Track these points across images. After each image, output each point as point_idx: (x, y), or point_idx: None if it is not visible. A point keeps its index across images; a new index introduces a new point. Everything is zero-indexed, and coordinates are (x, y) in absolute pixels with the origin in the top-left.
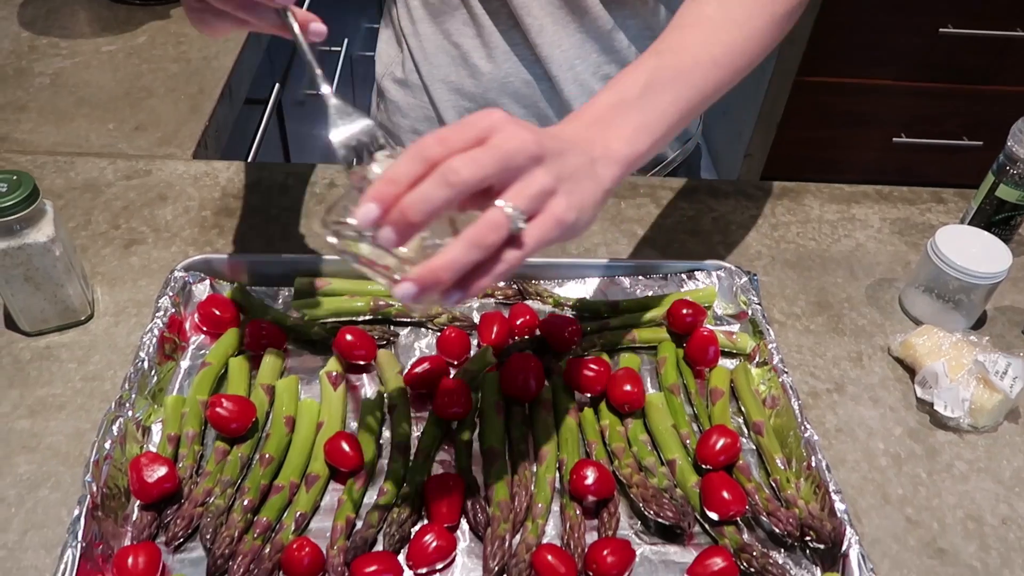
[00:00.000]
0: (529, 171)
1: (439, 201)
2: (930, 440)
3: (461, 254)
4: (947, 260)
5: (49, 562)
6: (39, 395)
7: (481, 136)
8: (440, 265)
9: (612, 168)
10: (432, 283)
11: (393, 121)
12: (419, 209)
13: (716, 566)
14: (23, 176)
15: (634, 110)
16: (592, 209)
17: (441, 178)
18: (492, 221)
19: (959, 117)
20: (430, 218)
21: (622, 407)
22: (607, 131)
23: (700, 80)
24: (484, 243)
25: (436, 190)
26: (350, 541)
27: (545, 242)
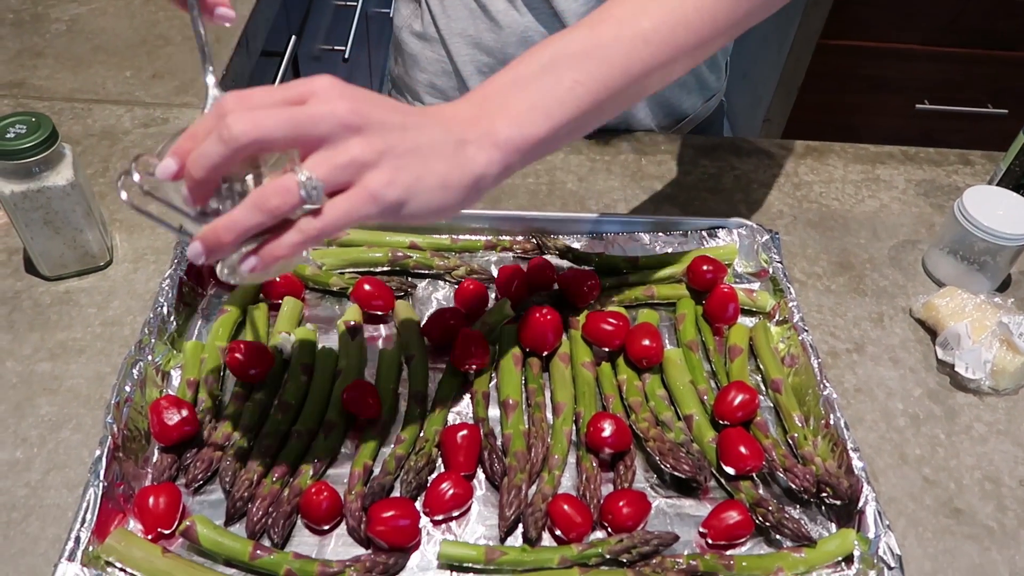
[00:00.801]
0: (339, 140)
1: (213, 157)
2: (949, 401)
3: (242, 215)
4: (974, 221)
5: (71, 501)
6: (59, 339)
7: (295, 99)
8: (222, 224)
9: (488, 152)
10: (214, 243)
11: (411, 75)
12: (195, 165)
13: (731, 519)
14: (42, 118)
15: (529, 89)
16: (439, 191)
17: (216, 134)
18: (280, 185)
19: (985, 84)
20: (211, 175)
21: (640, 362)
22: (494, 111)
23: (621, 58)
24: (267, 206)
25: (210, 146)
26: (368, 487)
27: (353, 217)
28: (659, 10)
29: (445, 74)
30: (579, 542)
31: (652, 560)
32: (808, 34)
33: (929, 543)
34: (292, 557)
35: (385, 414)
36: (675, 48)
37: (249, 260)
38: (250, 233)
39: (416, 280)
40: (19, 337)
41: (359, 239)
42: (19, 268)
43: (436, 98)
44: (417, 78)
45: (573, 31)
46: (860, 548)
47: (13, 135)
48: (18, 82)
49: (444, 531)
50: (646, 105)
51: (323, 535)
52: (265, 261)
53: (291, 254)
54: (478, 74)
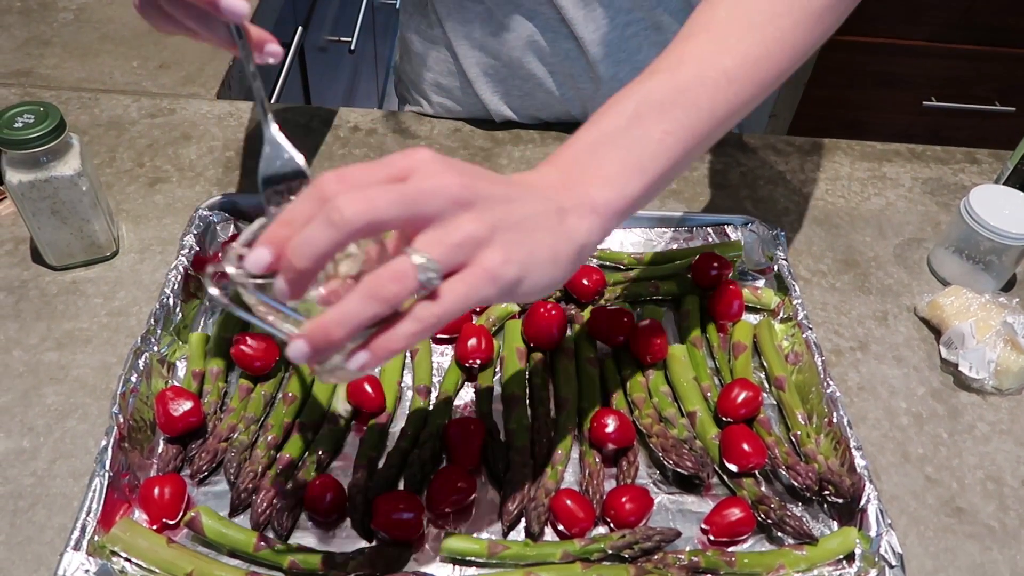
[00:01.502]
0: (451, 217)
1: (321, 244)
2: (952, 401)
3: (356, 307)
4: (980, 220)
5: (77, 490)
6: (66, 328)
7: (397, 176)
8: (332, 319)
9: (588, 219)
10: (323, 341)
11: (417, 73)
12: (299, 254)
13: (733, 516)
14: (50, 108)
15: (618, 147)
16: (552, 266)
17: (324, 217)
18: (395, 270)
19: (993, 81)
20: (317, 264)
21: (644, 358)
22: (585, 174)
23: (707, 101)
24: (383, 295)
25: (318, 231)
26: (371, 480)
27: (471, 300)
28: (739, 45)
29: (451, 74)
30: (581, 537)
31: (654, 556)
32: None
33: (931, 542)
34: (296, 549)
35: (389, 407)
36: (758, 84)
37: (359, 356)
38: (364, 327)
39: None
40: (26, 326)
41: None
42: (26, 258)
43: (442, 96)
44: (423, 76)
45: (653, 76)
46: (862, 546)
47: (21, 125)
48: (25, 71)
49: (447, 525)
50: None
51: (327, 528)
52: (378, 356)
53: (407, 346)
54: (484, 76)
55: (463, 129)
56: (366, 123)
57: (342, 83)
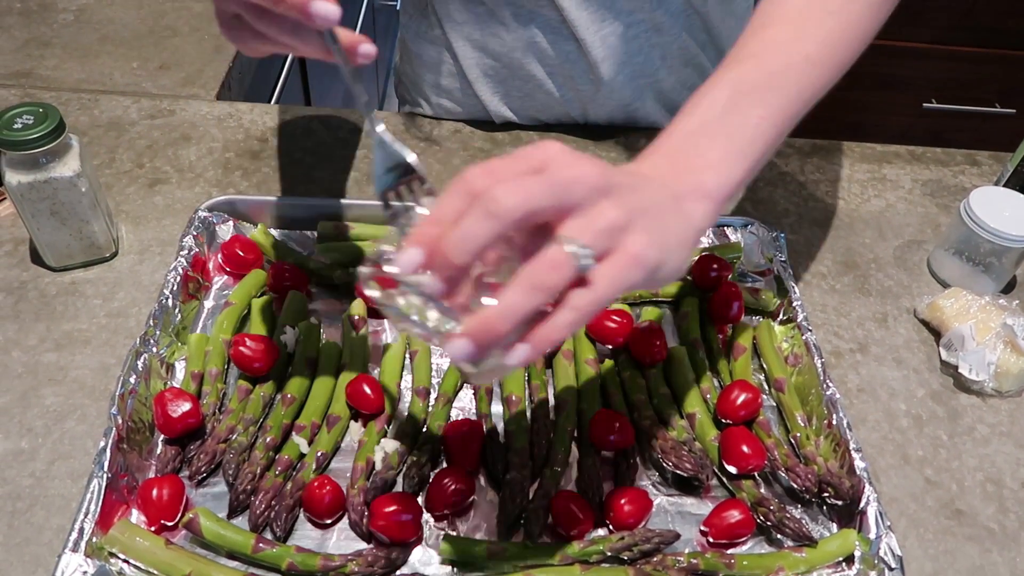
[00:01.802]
0: (593, 204)
1: (482, 237)
2: (952, 403)
3: (518, 299)
4: (980, 222)
5: (75, 491)
6: (65, 329)
7: (536, 168)
8: (495, 314)
9: (703, 204)
10: (487, 336)
11: (417, 74)
12: (460, 248)
13: (733, 518)
14: (49, 109)
15: (719, 134)
16: (681, 250)
17: (482, 209)
18: (551, 259)
19: (993, 83)
20: (474, 258)
21: (643, 360)
22: (691, 162)
23: (795, 84)
24: (544, 284)
25: (477, 224)
26: (370, 481)
27: (622, 285)
28: (818, 32)
29: (451, 75)
30: (580, 539)
31: (653, 558)
32: None
33: (930, 544)
34: (294, 550)
35: (388, 409)
36: (836, 67)
37: (519, 350)
38: (526, 319)
39: None
40: (25, 327)
41: (365, 233)
42: (25, 258)
43: (442, 98)
44: (423, 77)
45: (741, 63)
46: (861, 548)
47: (20, 125)
48: (25, 72)
49: (446, 527)
50: (653, 108)
51: (325, 529)
52: (538, 348)
53: (566, 335)
54: (484, 77)
55: (463, 130)
56: (366, 124)
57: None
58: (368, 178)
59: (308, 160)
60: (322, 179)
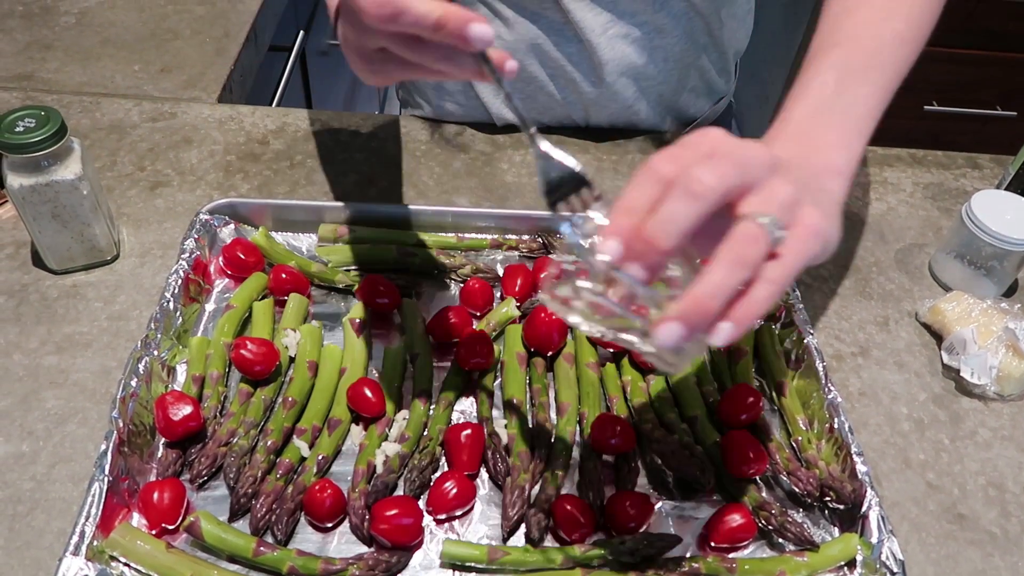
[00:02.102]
0: (768, 182)
1: (688, 217)
2: (954, 407)
3: (724, 275)
4: (982, 225)
5: (76, 495)
6: (66, 332)
7: (707, 153)
8: (704, 293)
9: (838, 180)
10: (700, 315)
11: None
12: (667, 231)
13: (734, 523)
14: (51, 112)
15: (835, 114)
16: (837, 224)
17: (684, 190)
18: (748, 233)
19: (995, 86)
20: (681, 240)
21: (644, 363)
22: (816, 143)
23: (891, 61)
24: (746, 258)
25: (682, 205)
26: (371, 485)
27: (806, 255)
28: (904, 10)
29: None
30: (582, 543)
31: (654, 562)
32: None
33: (932, 548)
34: (295, 554)
35: (389, 412)
36: (921, 43)
37: (723, 329)
38: (732, 292)
39: (422, 278)
40: (26, 330)
41: (366, 236)
42: (26, 261)
43: (444, 99)
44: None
45: (840, 46)
46: (863, 553)
47: (22, 128)
48: (27, 75)
49: (447, 530)
50: (654, 110)
51: (326, 532)
52: (743, 324)
53: (767, 309)
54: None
55: (464, 133)
56: (367, 127)
57: (343, 87)
58: (368, 180)
59: (309, 163)
60: (323, 182)
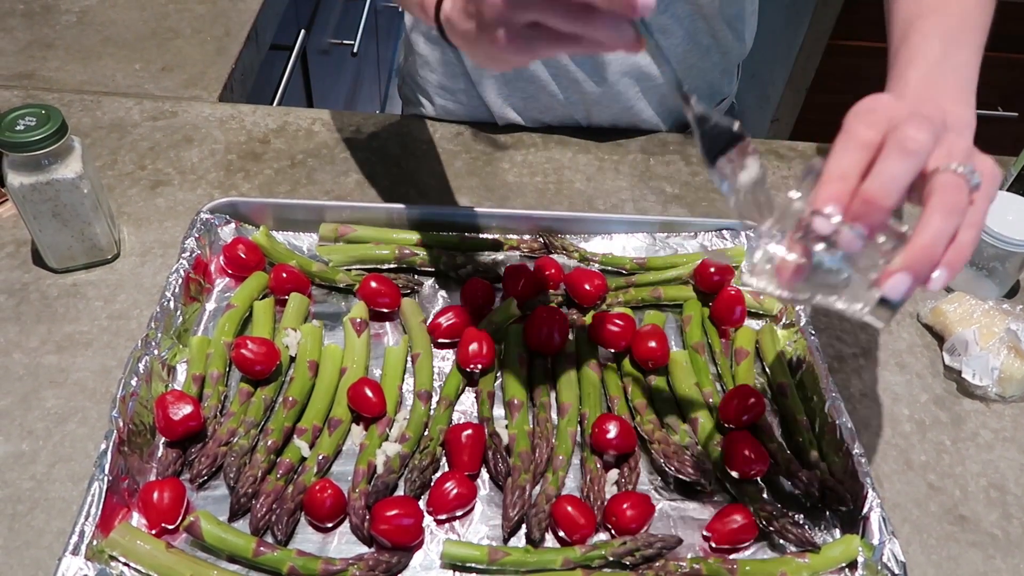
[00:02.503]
0: (946, 137)
1: (907, 174)
2: (956, 408)
3: (941, 224)
4: (984, 226)
5: (76, 494)
6: (66, 331)
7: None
8: (927, 241)
9: (968, 132)
10: (925, 263)
11: (421, 75)
12: (889, 188)
13: (735, 523)
14: (52, 111)
15: (948, 76)
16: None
17: (899, 149)
18: (952, 183)
19: (995, 86)
20: (902, 197)
21: (646, 364)
22: (938, 103)
23: (980, 24)
24: (957, 206)
25: (900, 163)
26: (372, 485)
27: (992, 198)
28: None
29: (455, 76)
30: (582, 544)
31: (655, 563)
32: (818, 34)
33: (933, 550)
34: (295, 554)
35: (390, 412)
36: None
37: (938, 275)
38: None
39: (423, 278)
40: (26, 329)
41: (367, 236)
42: (27, 260)
43: (446, 100)
44: (427, 78)
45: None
46: (864, 554)
47: (23, 127)
48: (28, 73)
49: (447, 531)
50: (656, 111)
51: (327, 533)
52: (955, 269)
53: (972, 252)
54: (488, 78)
55: (465, 133)
56: (368, 126)
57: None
58: (370, 180)
59: (310, 162)
60: (324, 181)
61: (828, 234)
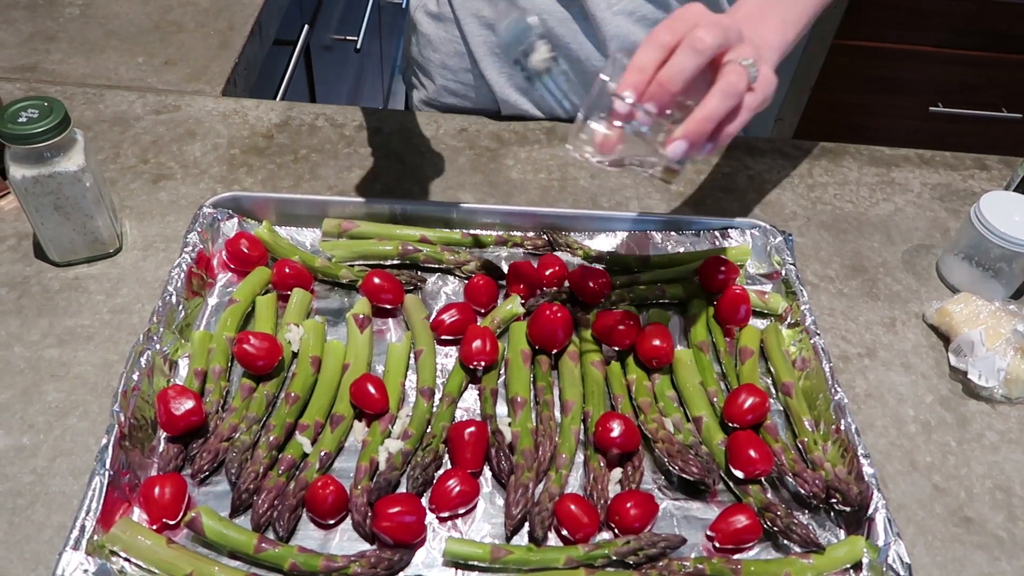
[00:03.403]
0: (739, 43)
1: (692, 67)
2: (961, 409)
3: (719, 104)
4: (990, 227)
5: (77, 488)
6: (68, 325)
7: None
8: (703, 116)
9: (773, 53)
10: (699, 134)
11: (424, 55)
12: (675, 78)
13: (739, 524)
14: (54, 103)
15: (779, 6)
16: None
17: (688, 47)
18: (736, 72)
19: (1000, 87)
20: (685, 85)
21: (650, 362)
22: (760, 25)
23: None
24: (735, 90)
25: (687, 58)
26: (374, 482)
27: (768, 93)
28: None
29: (457, 55)
30: (585, 542)
31: (659, 563)
32: (822, 34)
33: (938, 552)
34: (297, 551)
35: (393, 409)
36: None
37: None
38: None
39: (426, 274)
40: (27, 322)
41: (369, 232)
42: (28, 253)
43: (447, 80)
44: (430, 58)
45: None
46: (869, 555)
47: (25, 119)
48: (31, 66)
49: (450, 528)
50: None
51: (328, 529)
52: (722, 142)
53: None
54: (490, 55)
55: (469, 129)
56: (372, 122)
57: (347, 82)
58: (373, 175)
59: (313, 157)
60: (327, 176)
61: (626, 113)
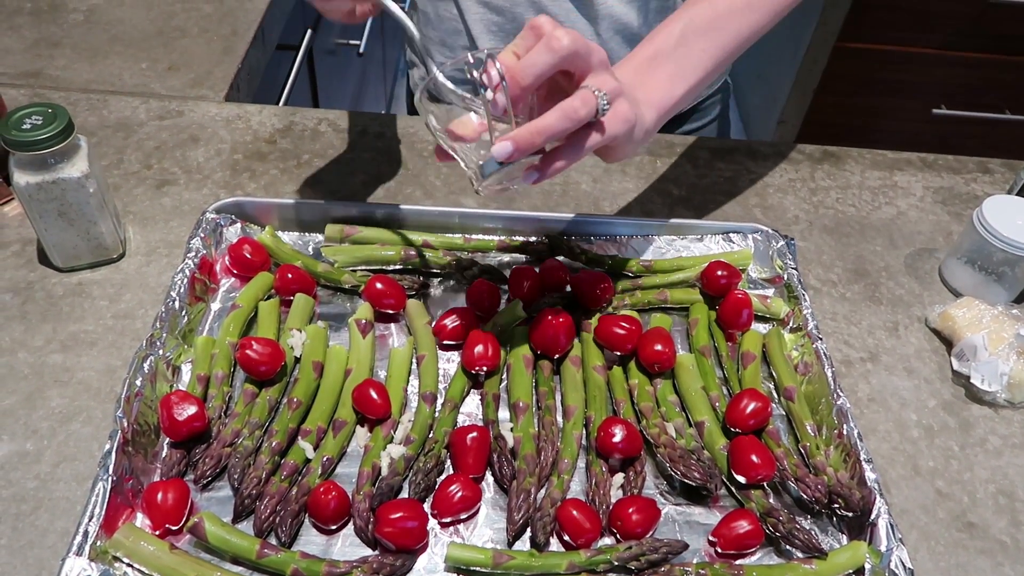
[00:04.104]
0: (603, 72)
1: (545, 64)
2: (964, 413)
3: (555, 121)
4: (993, 230)
5: (80, 494)
6: (71, 330)
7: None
8: (536, 128)
9: (651, 111)
10: (527, 143)
11: (423, 33)
12: (527, 72)
13: (741, 529)
14: (58, 110)
15: (669, 61)
16: (643, 140)
17: (545, 46)
18: (583, 97)
19: (1003, 89)
20: (536, 82)
21: (652, 367)
22: (646, 80)
23: (735, 25)
24: (575, 114)
25: (541, 56)
26: (376, 487)
27: (618, 133)
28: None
29: (456, 32)
30: (587, 548)
31: (661, 568)
32: (825, 36)
33: (941, 557)
34: (299, 556)
35: (395, 414)
36: (772, 12)
37: (533, 174)
38: (554, 138)
39: (428, 279)
40: (31, 328)
41: (372, 237)
42: (32, 259)
43: (447, 56)
44: (429, 36)
45: (696, 5)
46: (871, 561)
47: (29, 126)
48: (35, 72)
49: (452, 534)
50: None
51: (330, 535)
52: (550, 174)
53: (569, 165)
54: (487, 33)
55: None
56: (374, 127)
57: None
58: (375, 180)
59: (316, 162)
60: (330, 181)
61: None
